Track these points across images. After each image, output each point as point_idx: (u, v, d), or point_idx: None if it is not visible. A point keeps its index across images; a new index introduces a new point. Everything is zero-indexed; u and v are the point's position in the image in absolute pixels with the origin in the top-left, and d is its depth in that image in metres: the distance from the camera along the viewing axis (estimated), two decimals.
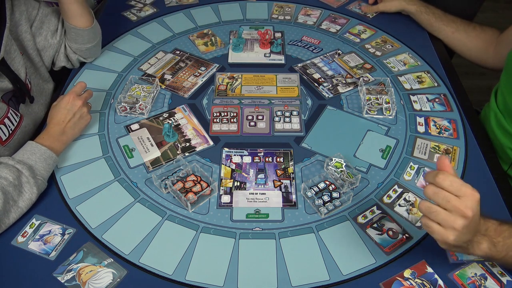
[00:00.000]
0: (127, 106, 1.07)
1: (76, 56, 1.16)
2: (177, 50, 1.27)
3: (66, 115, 0.96)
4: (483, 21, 1.31)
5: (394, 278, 0.78)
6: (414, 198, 0.90)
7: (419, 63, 1.22)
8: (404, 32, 1.32)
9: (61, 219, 0.87)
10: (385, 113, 1.07)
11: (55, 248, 0.82)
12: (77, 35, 1.11)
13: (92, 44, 1.14)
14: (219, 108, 1.10)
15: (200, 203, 0.90)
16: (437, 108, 1.09)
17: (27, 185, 0.85)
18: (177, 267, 0.80)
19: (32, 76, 1.08)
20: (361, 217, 0.87)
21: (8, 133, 0.96)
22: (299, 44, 1.29)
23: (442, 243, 0.67)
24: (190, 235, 0.85)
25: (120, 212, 0.89)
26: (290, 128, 1.05)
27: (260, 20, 1.39)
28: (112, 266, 0.80)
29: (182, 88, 1.15)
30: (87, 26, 1.10)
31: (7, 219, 0.83)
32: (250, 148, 1.00)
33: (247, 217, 0.88)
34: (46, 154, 0.90)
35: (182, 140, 1.02)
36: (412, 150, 1.00)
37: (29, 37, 1.05)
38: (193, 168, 0.95)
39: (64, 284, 0.77)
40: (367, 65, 1.22)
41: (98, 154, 0.99)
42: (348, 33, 1.33)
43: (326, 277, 0.79)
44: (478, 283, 0.77)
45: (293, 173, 0.95)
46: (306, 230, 0.86)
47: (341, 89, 1.15)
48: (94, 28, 1.12)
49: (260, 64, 1.23)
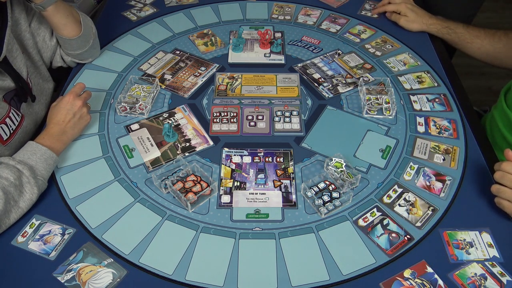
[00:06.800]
0: (127, 106, 1.07)
1: (69, 59, 1.16)
2: (177, 50, 1.27)
3: (66, 115, 0.96)
4: (483, 21, 1.31)
5: (394, 278, 0.78)
6: (414, 198, 0.90)
7: (419, 63, 1.22)
8: (404, 32, 1.32)
9: (61, 219, 0.87)
10: (385, 113, 1.07)
11: (55, 248, 0.83)
12: (65, 43, 1.11)
13: (83, 50, 1.14)
14: (219, 108, 1.10)
15: (200, 203, 0.90)
16: (437, 108, 1.09)
17: (28, 185, 0.85)
18: (177, 267, 0.80)
19: (32, 76, 1.08)
20: (362, 219, 0.87)
21: (9, 133, 0.96)
22: (299, 44, 1.29)
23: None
24: (190, 235, 0.85)
25: (120, 212, 0.89)
26: (290, 128, 1.05)
27: (260, 20, 1.39)
28: (112, 266, 0.80)
29: (182, 88, 1.15)
30: (73, 36, 1.09)
31: (7, 219, 0.83)
32: (250, 148, 1.00)
33: (247, 217, 0.88)
34: (46, 154, 0.90)
35: (182, 140, 1.02)
36: (412, 150, 1.00)
37: (29, 35, 1.06)
38: (193, 168, 0.95)
39: (64, 284, 0.77)
40: (367, 65, 1.22)
41: (98, 154, 0.99)
42: (348, 33, 1.33)
43: (326, 277, 0.79)
44: (478, 283, 0.77)
45: (293, 173, 0.95)
46: (306, 230, 0.86)
47: (341, 89, 1.15)
48: (82, 36, 1.11)
49: (260, 64, 1.23)
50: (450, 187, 0.92)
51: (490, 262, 0.80)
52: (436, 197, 0.91)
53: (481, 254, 0.81)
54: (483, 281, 0.78)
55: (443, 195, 0.91)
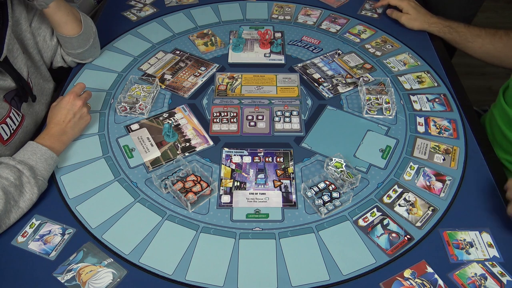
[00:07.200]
0: (127, 106, 1.07)
1: (70, 58, 1.16)
2: (177, 50, 1.27)
3: (66, 115, 0.97)
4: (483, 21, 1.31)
5: (394, 278, 0.78)
6: (414, 198, 0.90)
7: (419, 63, 1.22)
8: (404, 32, 1.32)
9: (61, 219, 0.87)
10: (385, 113, 1.07)
11: (55, 248, 0.83)
12: (65, 42, 1.11)
13: (83, 49, 1.14)
14: (219, 108, 1.10)
15: (200, 203, 0.90)
16: (437, 108, 1.09)
17: (28, 186, 0.85)
18: (177, 267, 0.80)
19: (33, 76, 1.08)
20: (362, 219, 0.87)
21: (10, 133, 0.96)
22: (299, 44, 1.29)
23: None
24: (190, 235, 0.85)
25: (120, 212, 0.89)
26: (290, 128, 1.05)
27: (260, 20, 1.39)
28: (112, 266, 0.80)
29: (182, 88, 1.15)
30: (74, 34, 1.09)
31: (7, 219, 0.83)
32: (250, 148, 1.00)
33: (247, 217, 0.88)
34: (46, 154, 0.90)
35: (182, 140, 1.02)
36: (412, 150, 1.00)
37: (29, 35, 1.06)
38: (193, 168, 0.95)
39: (64, 284, 0.77)
40: (367, 65, 1.22)
41: (98, 154, 0.99)
42: (348, 33, 1.33)
43: (326, 277, 0.79)
44: (478, 283, 0.77)
45: (293, 173, 0.95)
46: (306, 230, 0.86)
47: (341, 89, 1.15)
48: (83, 35, 1.11)
49: (260, 64, 1.23)
50: (450, 187, 0.92)
51: (490, 262, 0.80)
52: (436, 197, 0.91)
53: (481, 254, 0.81)
54: (483, 281, 0.78)
55: (443, 195, 0.91)
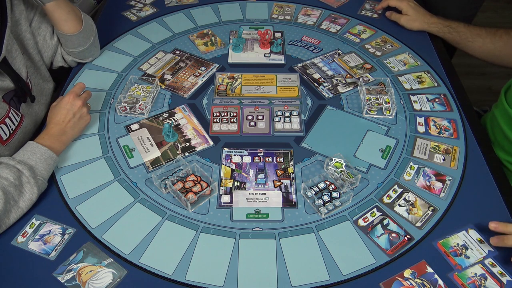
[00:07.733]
0: (127, 106, 1.07)
1: (70, 58, 1.16)
2: (177, 50, 1.27)
3: (66, 115, 0.97)
4: (483, 21, 1.31)
5: (394, 278, 0.78)
6: (414, 198, 0.90)
7: (419, 63, 1.22)
8: (404, 32, 1.32)
9: (61, 219, 0.87)
10: (385, 113, 1.07)
11: (55, 248, 0.82)
12: (66, 40, 1.11)
13: (83, 48, 1.14)
14: (219, 108, 1.10)
15: (200, 203, 0.90)
16: (437, 108, 1.09)
17: (28, 185, 0.85)
18: (177, 267, 0.80)
19: (32, 76, 1.08)
20: (362, 219, 0.87)
21: (9, 133, 0.96)
22: (299, 44, 1.29)
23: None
24: (190, 235, 0.85)
25: (120, 212, 0.89)
26: (290, 128, 1.05)
27: (260, 20, 1.39)
28: (112, 266, 0.80)
29: (182, 88, 1.15)
30: (74, 32, 1.09)
31: (7, 219, 0.83)
32: (250, 148, 1.00)
33: (247, 217, 0.88)
34: (46, 154, 0.90)
35: (182, 140, 1.02)
36: (412, 150, 1.00)
37: (29, 36, 1.05)
38: (193, 168, 0.95)
39: (64, 284, 0.77)
40: (367, 65, 1.22)
41: (98, 154, 0.99)
42: (348, 33, 1.33)
43: (326, 277, 0.79)
44: (478, 283, 0.77)
45: (293, 173, 0.95)
46: (306, 230, 0.86)
47: (341, 89, 1.15)
48: (83, 32, 1.11)
49: (260, 64, 1.23)
50: (450, 187, 0.92)
51: (490, 262, 0.80)
52: (436, 197, 0.91)
53: (478, 254, 0.81)
54: (483, 281, 0.78)
55: (443, 195, 0.91)
